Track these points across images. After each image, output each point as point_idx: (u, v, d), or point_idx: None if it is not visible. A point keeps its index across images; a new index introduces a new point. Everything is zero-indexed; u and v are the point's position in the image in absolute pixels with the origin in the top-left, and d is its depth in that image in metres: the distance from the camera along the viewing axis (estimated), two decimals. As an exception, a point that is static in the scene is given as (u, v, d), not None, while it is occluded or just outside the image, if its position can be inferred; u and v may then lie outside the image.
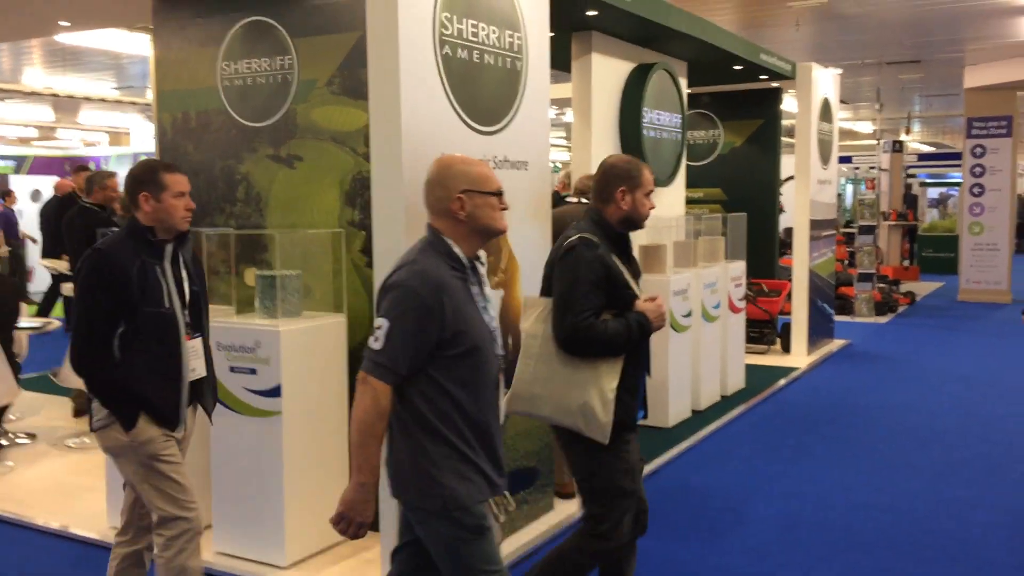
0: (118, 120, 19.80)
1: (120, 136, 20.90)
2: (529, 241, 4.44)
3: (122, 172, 16.17)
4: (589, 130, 6.46)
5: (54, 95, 14.50)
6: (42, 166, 16.77)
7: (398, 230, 3.66)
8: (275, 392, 4.01)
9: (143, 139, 18.39)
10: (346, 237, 4.42)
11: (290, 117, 4.55)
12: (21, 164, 16.59)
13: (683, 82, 7.74)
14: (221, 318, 4.25)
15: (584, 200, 4.96)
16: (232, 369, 4.10)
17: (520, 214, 4.36)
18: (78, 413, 6.75)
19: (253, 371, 4.05)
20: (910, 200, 17.46)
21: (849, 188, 22.92)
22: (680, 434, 6.11)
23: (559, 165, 21.81)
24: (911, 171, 22.07)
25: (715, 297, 6.95)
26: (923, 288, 15.41)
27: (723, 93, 9.94)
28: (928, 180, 25.02)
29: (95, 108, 17.94)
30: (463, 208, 2.52)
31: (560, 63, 6.67)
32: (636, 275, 3.16)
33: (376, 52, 3.68)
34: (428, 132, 3.76)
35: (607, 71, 6.66)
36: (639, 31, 6.59)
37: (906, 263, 16.45)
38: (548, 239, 4.62)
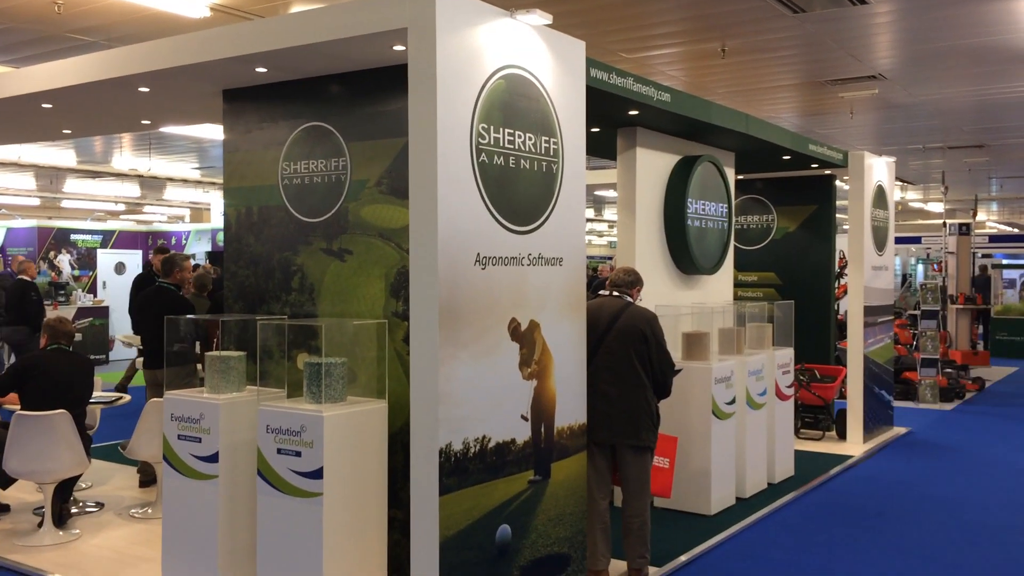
0: (200, 196, 20.83)
1: (201, 212, 21.94)
2: (563, 334, 4.63)
3: (201, 248, 16.91)
4: (634, 221, 6.67)
5: (139, 176, 15.41)
6: (127, 240, 17.73)
7: (433, 323, 3.90)
8: (317, 474, 4.24)
9: (221, 217, 19.28)
10: (390, 327, 4.68)
11: (342, 214, 4.89)
12: (108, 238, 17.59)
13: (730, 172, 7.93)
14: (272, 402, 4.53)
15: (616, 293, 5.15)
16: (279, 451, 4.36)
17: (554, 308, 4.57)
18: (144, 484, 7.10)
19: (298, 453, 4.30)
20: (982, 283, 17.08)
21: (920, 268, 22.52)
22: (722, 522, 6.12)
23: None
24: (985, 252, 21.60)
25: (761, 384, 7.00)
26: (995, 374, 14.99)
27: (776, 179, 10.08)
28: (1005, 261, 24.42)
29: (178, 186, 18.96)
30: None
31: (609, 153, 6.95)
32: None
33: (416, 158, 3.98)
34: (464, 232, 4.03)
35: (652, 164, 6.90)
36: (682, 126, 6.83)
37: (976, 347, 16.05)
38: (583, 333, 4.81)
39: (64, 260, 17.09)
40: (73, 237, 17.11)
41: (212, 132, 11.38)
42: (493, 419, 4.18)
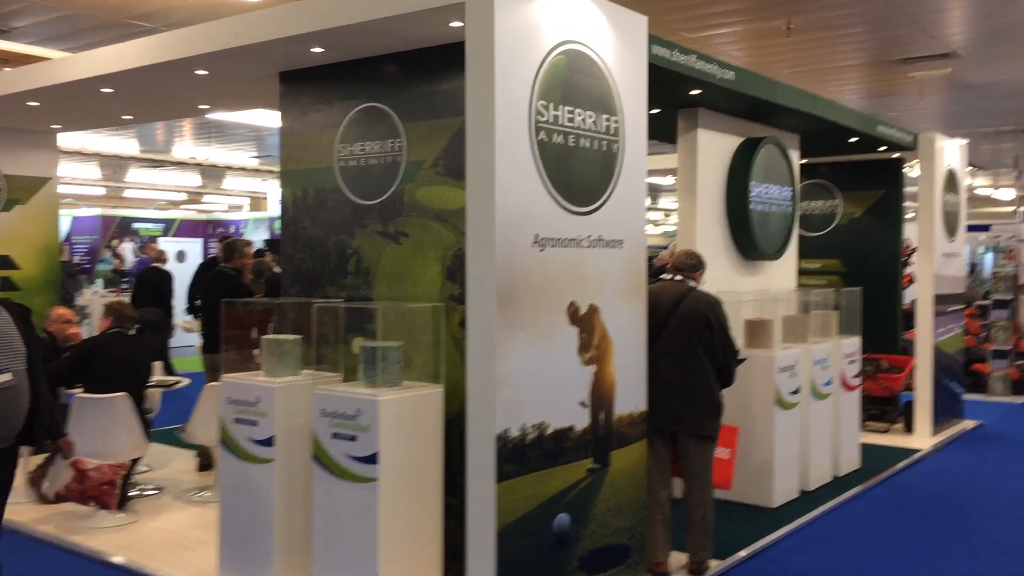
0: (258, 186, 21.08)
1: (259, 201, 22.22)
2: (624, 318, 4.50)
3: (258, 235, 17.09)
4: (695, 205, 6.49)
5: (198, 164, 15.60)
6: (187, 229, 18.02)
7: (490, 305, 3.80)
8: (372, 459, 4.18)
9: (278, 205, 19.48)
10: (446, 310, 4.60)
11: (398, 196, 4.82)
12: (169, 227, 17.89)
13: (795, 155, 7.68)
14: (327, 385, 4.48)
15: (679, 277, 4.99)
16: (335, 435, 4.31)
17: (614, 291, 4.43)
18: (203, 467, 7.15)
19: (353, 438, 4.24)
20: (1055, 271, 16.38)
21: (989, 257, 21.76)
22: (785, 515, 5.93)
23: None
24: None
25: (826, 374, 6.77)
26: (1070, 366, 14.37)
27: (841, 163, 9.76)
28: (1080, 249, 23.44)
29: (237, 176, 19.20)
30: None
31: (670, 136, 6.77)
32: None
33: (474, 137, 3.88)
34: (522, 212, 3.92)
35: (714, 146, 6.70)
36: (746, 107, 6.62)
37: (1049, 339, 15.41)
38: (643, 317, 4.67)
39: (127, 248, 17.42)
40: (135, 226, 17.44)
41: (270, 120, 11.43)
42: (551, 405, 4.07)
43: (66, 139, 13.65)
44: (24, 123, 7.36)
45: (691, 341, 4.79)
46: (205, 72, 5.34)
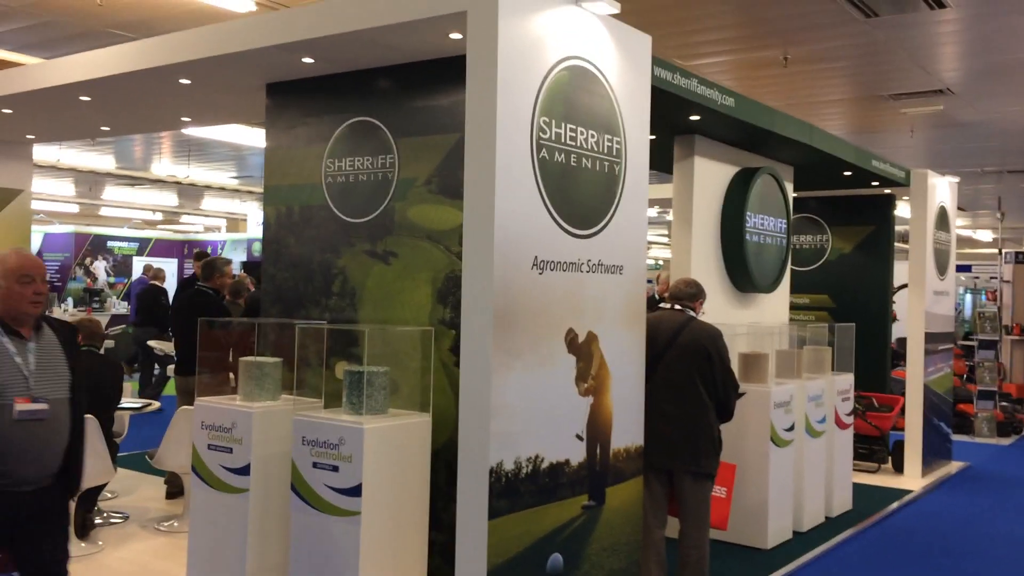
0: (236, 207, 20.79)
1: (238, 222, 21.91)
2: (623, 347, 4.30)
3: (236, 256, 16.85)
4: (690, 233, 6.33)
5: (177, 183, 15.33)
6: (163, 249, 17.69)
7: (487, 331, 3.58)
8: (355, 491, 3.93)
9: (258, 226, 19.22)
10: (436, 335, 4.38)
11: (388, 214, 4.61)
12: (144, 246, 17.54)
13: (789, 187, 7.56)
14: (309, 411, 4.23)
15: (678, 307, 4.80)
16: (315, 465, 4.05)
17: (613, 319, 4.23)
18: (171, 495, 6.83)
19: (335, 468, 3.99)
20: (1037, 313, 16.42)
21: (968, 298, 21.85)
22: (779, 558, 5.71)
23: (661, 263, 21.62)
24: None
25: (820, 411, 6.59)
26: (1051, 408, 14.34)
27: (832, 198, 9.68)
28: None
29: (216, 196, 18.91)
30: None
31: (663, 165, 6.63)
32: None
33: (473, 152, 3.69)
34: (522, 233, 3.72)
35: (710, 174, 6.57)
36: (743, 135, 6.49)
37: (1031, 380, 15.39)
38: (642, 346, 4.48)
39: (100, 267, 17.07)
40: (110, 244, 17.08)
41: (251, 139, 11.23)
42: (547, 437, 3.84)
43: (41, 152, 13.35)
44: (-3, 132, 7.10)
45: (690, 373, 4.60)
46: (188, 81, 5.13)
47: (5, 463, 3.07)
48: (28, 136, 7.24)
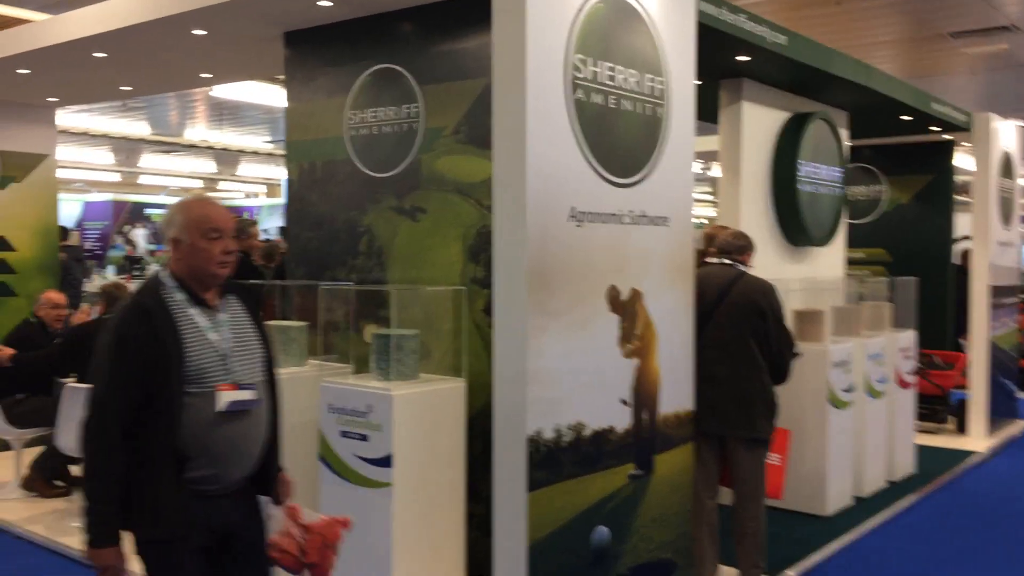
0: (273, 172, 20.68)
1: (275, 188, 21.82)
2: (669, 305, 3.98)
3: (272, 222, 16.70)
4: (738, 184, 5.95)
5: (210, 147, 15.20)
6: (201, 216, 17.63)
7: (521, 289, 3.29)
8: (386, 461, 3.70)
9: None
10: (468, 295, 4.10)
11: (414, 167, 4.32)
12: (182, 214, 17.50)
13: (844, 133, 7.11)
14: (336, 378, 3.99)
15: (727, 261, 4.46)
16: (343, 434, 3.82)
17: (659, 274, 3.91)
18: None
19: (364, 437, 3.76)
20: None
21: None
22: (841, 525, 5.39)
23: (705, 221, 21.08)
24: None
25: (881, 370, 6.21)
26: (1119, 363, 13.70)
27: (887, 146, 9.17)
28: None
29: (252, 161, 18.78)
30: None
31: (706, 114, 6.22)
32: None
33: (502, 96, 3.37)
34: (557, 182, 3.40)
35: (759, 121, 6.15)
36: (795, 78, 6.06)
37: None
38: (690, 304, 4.15)
39: (139, 234, 17.07)
40: (148, 211, 17.06)
41: (282, 100, 10.98)
42: (589, 403, 3.55)
43: (72, 119, 13.27)
44: (19, 95, 6.92)
45: (742, 332, 4.26)
46: (203, 32, 4.85)
47: (211, 464, 2.46)
48: (50, 99, 7.05)
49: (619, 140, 3.71)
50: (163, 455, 2.39)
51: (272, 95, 10.71)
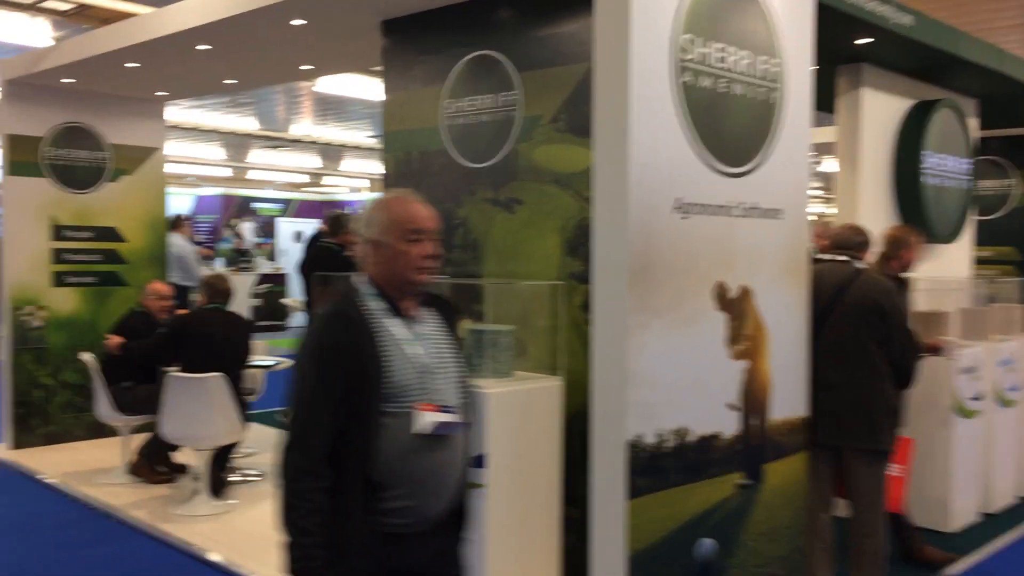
0: (376, 168, 20.96)
1: (377, 183, 22.13)
2: (782, 304, 3.71)
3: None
4: (856, 177, 5.58)
5: (314, 142, 15.45)
6: (305, 210, 18.02)
7: (622, 285, 3.10)
8: (478, 461, 3.56)
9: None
10: (566, 290, 3.92)
11: (511, 157, 4.17)
12: (287, 207, 17.92)
13: (972, 123, 6.61)
14: (427, 374, 3.88)
15: (843, 257, 4.15)
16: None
17: (770, 271, 3.65)
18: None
19: (455, 437, 3.63)
20: None
21: None
22: (967, 543, 4.99)
23: (815, 217, 20.27)
24: None
25: (1012, 377, 5.74)
26: None
27: (1016, 137, 8.53)
28: None
29: (355, 156, 19.07)
30: None
31: (820, 103, 5.86)
32: None
33: (604, 79, 3.17)
34: (662, 172, 3.19)
35: (880, 109, 5.76)
36: (920, 62, 5.64)
37: None
38: (804, 303, 3.87)
39: (247, 228, 17.53)
40: (254, 206, 17.51)
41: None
42: (694, 407, 3.33)
43: (184, 115, 13.70)
44: (129, 90, 7.10)
45: (860, 335, 3.96)
46: (302, 22, 4.82)
47: (408, 495, 2.17)
48: (159, 93, 7.22)
49: (729, 126, 3.46)
50: (355, 484, 2.10)
51: (373, 89, 10.78)
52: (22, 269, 6.91)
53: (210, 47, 5.46)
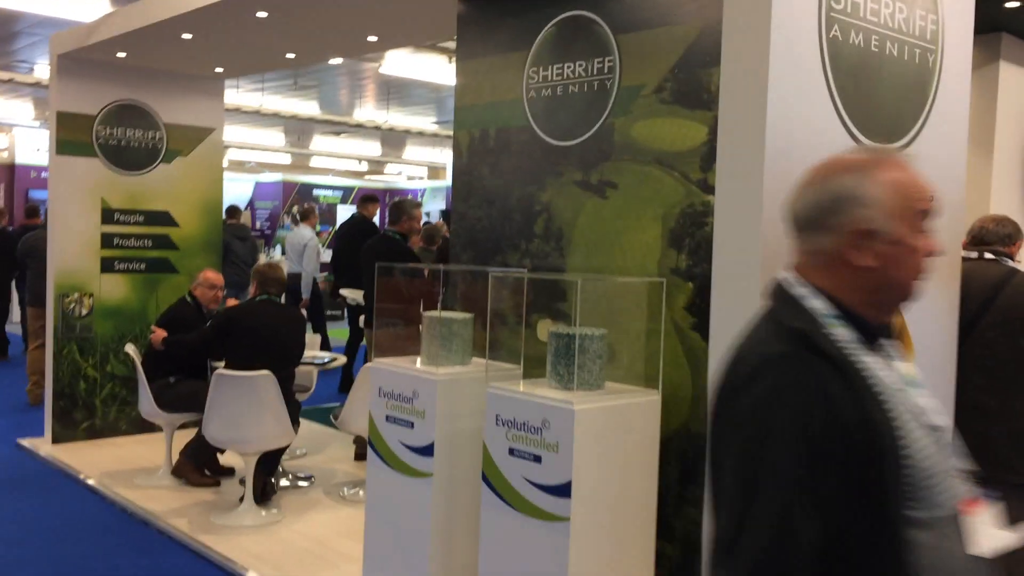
0: (437, 156, 20.56)
1: (438, 171, 21.72)
2: (930, 310, 3.08)
3: (435, 205, 16.48)
4: (990, 160, 4.88)
5: (377, 127, 15.06)
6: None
7: (749, 285, 2.52)
8: (564, 490, 3.02)
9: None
10: (667, 289, 3.34)
11: (605, 133, 3.59)
12: (347, 195, 17.59)
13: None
14: (505, 383, 3.35)
15: (988, 255, 3.50)
16: (513, 452, 3.17)
17: (921, 271, 3.03)
18: (359, 456, 6.29)
19: (537, 459, 3.08)
20: None
21: None
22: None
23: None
24: None
25: None
26: None
27: None
28: None
29: (417, 144, 18.66)
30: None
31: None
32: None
33: (735, 37, 2.59)
34: (804, 148, 2.59)
35: (1018, 85, 5.05)
36: (1068, 33, 4.93)
37: None
38: (955, 310, 3.24)
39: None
40: (315, 192, 17.20)
41: (450, 77, 10.57)
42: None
43: (246, 98, 13.38)
44: (185, 66, 6.70)
45: (1017, 351, 3.31)
46: (368, -19, 4.32)
47: None
48: (217, 69, 6.80)
49: (880, 94, 2.85)
50: None
51: (440, 71, 10.30)
52: (69, 254, 6.56)
53: (266, 14, 4.99)
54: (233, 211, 10.49)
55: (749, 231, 2.51)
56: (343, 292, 7.90)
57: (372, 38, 5.47)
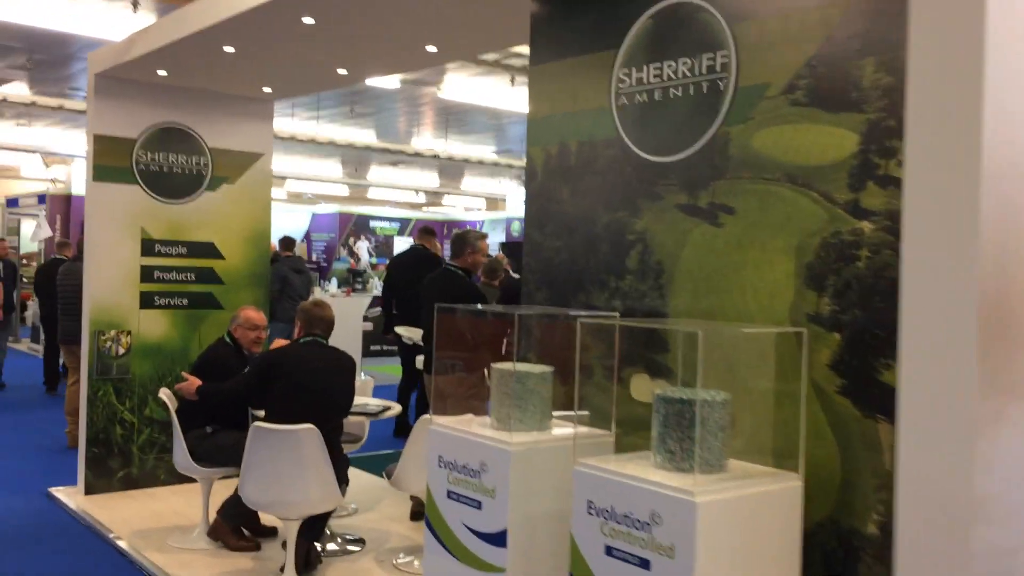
0: (495, 188, 20.09)
1: (497, 202, 21.22)
2: None
3: (495, 238, 15.89)
4: None
5: (435, 156, 14.60)
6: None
7: (963, 345, 1.80)
8: (677, 601, 2.30)
9: (517, 204, 18.30)
10: (807, 341, 2.62)
11: (718, 146, 2.90)
12: (404, 226, 17.15)
13: None
14: (595, 460, 2.65)
15: None
16: (610, 552, 2.46)
17: None
18: (415, 515, 5.63)
19: (645, 564, 2.37)
20: None
21: None
22: None
23: None
24: None
25: None
26: None
27: None
28: None
29: (475, 174, 18.18)
30: None
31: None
32: None
33: (924, 14, 1.90)
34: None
35: None
36: None
37: None
38: None
39: (363, 247, 16.82)
40: (372, 224, 16.79)
41: (511, 102, 10.02)
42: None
43: (300, 125, 13.02)
44: (230, 86, 6.22)
45: None
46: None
47: None
48: (265, 89, 6.30)
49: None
50: None
51: (501, 95, 9.77)
52: (106, 289, 6.07)
53: (313, 21, 4.43)
54: (289, 243, 10.02)
55: (959, 271, 1.79)
56: (398, 330, 7.32)
57: (431, 48, 4.88)
